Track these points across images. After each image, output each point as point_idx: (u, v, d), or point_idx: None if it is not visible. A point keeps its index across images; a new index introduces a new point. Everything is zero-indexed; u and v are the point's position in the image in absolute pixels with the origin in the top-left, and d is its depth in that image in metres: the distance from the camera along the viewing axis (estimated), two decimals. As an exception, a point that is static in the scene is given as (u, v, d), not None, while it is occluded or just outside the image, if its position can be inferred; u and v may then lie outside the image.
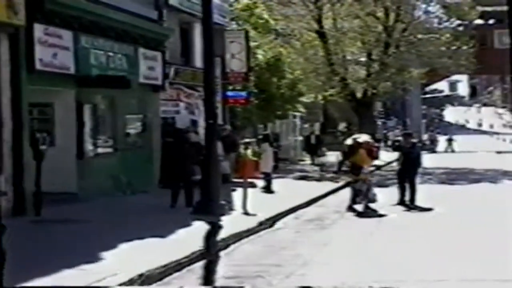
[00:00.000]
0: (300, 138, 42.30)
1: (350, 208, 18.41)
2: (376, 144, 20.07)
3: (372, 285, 9.37)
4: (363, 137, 19.93)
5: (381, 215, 17.60)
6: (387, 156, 34.09)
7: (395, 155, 22.81)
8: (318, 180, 28.37)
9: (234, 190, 18.90)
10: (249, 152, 23.92)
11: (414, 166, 19.91)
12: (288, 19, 34.82)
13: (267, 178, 23.44)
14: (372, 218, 17.34)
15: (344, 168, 28.45)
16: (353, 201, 18.58)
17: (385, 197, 19.33)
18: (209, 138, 15.89)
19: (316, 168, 33.58)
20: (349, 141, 19.90)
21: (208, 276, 8.32)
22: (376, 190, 19.28)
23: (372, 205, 18.44)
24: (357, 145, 19.13)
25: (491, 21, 72.74)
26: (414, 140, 22.28)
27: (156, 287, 9.88)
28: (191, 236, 12.05)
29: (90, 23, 18.61)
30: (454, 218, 16.91)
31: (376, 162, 24.13)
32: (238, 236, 13.85)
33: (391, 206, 18.91)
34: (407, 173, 19.55)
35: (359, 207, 18.56)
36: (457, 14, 39.76)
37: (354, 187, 18.92)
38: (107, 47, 19.75)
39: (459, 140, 75.03)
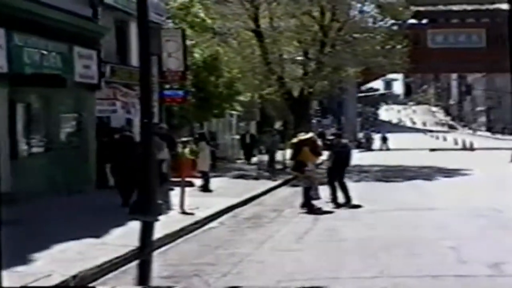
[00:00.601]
0: (237, 136, 42.38)
1: (304, 205, 18.47)
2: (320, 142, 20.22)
3: (304, 285, 9.44)
4: (308, 135, 20.10)
5: (319, 213, 17.72)
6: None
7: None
8: (256, 178, 28.47)
9: (171, 189, 18.78)
10: (186, 151, 23.86)
11: (343, 165, 20.14)
12: (224, 18, 34.73)
13: (205, 177, 23.41)
14: (309, 215, 17.45)
15: (276, 166, 28.85)
16: (306, 198, 18.69)
17: (324, 195, 19.47)
18: (144, 137, 15.89)
19: (252, 167, 33.69)
20: (293, 140, 20.07)
21: (143, 276, 8.23)
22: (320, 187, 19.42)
23: (315, 202, 18.66)
24: (301, 143, 19.28)
25: (424, 21, 73.92)
26: (345, 140, 22.63)
27: (90, 288, 9.78)
28: (126, 236, 11.96)
29: (23, 21, 18.23)
30: (387, 216, 17.14)
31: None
32: (175, 236, 13.79)
33: (327, 203, 19.09)
34: (337, 172, 19.77)
35: (316, 203, 18.71)
36: (391, 13, 40.15)
37: (304, 185, 19.05)
38: (41, 46, 19.40)
39: (394, 138, 76.03)
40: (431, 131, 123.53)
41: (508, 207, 17.59)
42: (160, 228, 13.42)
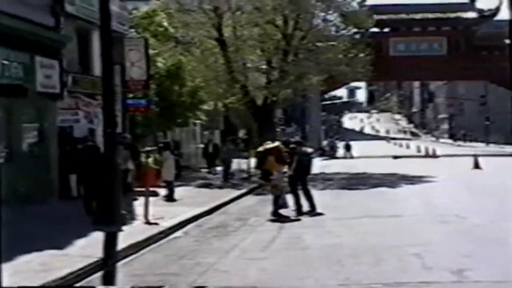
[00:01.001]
0: (202, 145, 42.28)
1: (274, 215, 18.45)
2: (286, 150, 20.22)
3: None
4: (274, 144, 20.12)
5: (285, 221, 17.72)
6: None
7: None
8: (220, 187, 28.41)
9: (135, 199, 18.67)
10: (150, 160, 23.79)
11: (304, 173, 20.18)
12: (188, 26, 34.65)
13: (169, 186, 23.34)
14: (275, 224, 17.45)
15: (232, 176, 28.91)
16: (275, 206, 18.67)
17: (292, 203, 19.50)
18: (108, 147, 15.77)
19: (214, 176, 33.65)
20: (259, 149, 20.09)
21: (107, 287, 8.15)
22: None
23: (283, 211, 18.69)
24: (266, 152, 19.29)
25: (386, 29, 74.49)
26: (306, 148, 22.71)
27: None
28: (90, 247, 11.84)
29: (-17, 31, 18.05)
30: (352, 223, 17.20)
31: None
32: (139, 246, 13.69)
33: (292, 211, 19.12)
34: (299, 180, 19.82)
35: (284, 211, 18.71)
36: (354, 22, 40.41)
37: (272, 194, 19.05)
38: (2, 55, 19.17)
39: (358, 146, 76.34)
40: (394, 138, 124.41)
41: (471, 213, 17.78)
42: (125, 239, 13.33)
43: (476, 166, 38.68)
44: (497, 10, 76.31)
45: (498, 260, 11.62)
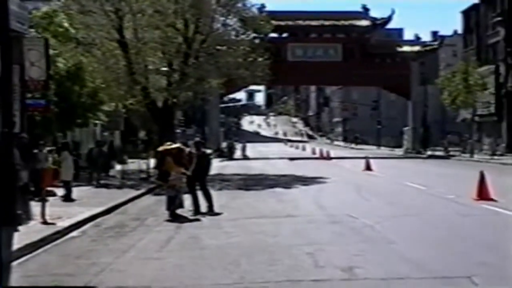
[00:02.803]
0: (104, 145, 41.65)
1: (171, 215, 18.31)
2: (188, 151, 20.13)
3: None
4: (173, 145, 20.03)
5: (182, 221, 17.65)
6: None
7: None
8: (119, 187, 28.10)
9: (32, 199, 18.24)
10: (49, 160, 23.28)
11: (203, 174, 20.20)
12: (88, 28, 34.07)
13: (67, 186, 22.94)
14: (173, 223, 17.36)
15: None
16: (169, 207, 18.54)
17: (188, 203, 19.42)
18: (5, 147, 15.36)
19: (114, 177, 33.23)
20: (159, 149, 19.96)
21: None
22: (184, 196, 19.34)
23: (178, 211, 18.60)
24: (165, 152, 19.18)
25: (285, 35, 75.26)
26: (207, 150, 22.75)
27: None
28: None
29: None
30: (248, 223, 17.28)
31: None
32: (35, 246, 13.35)
33: (190, 211, 19.08)
34: (197, 180, 19.82)
35: (180, 211, 18.60)
36: (253, 27, 40.67)
37: (167, 194, 18.92)
38: None
39: (255, 148, 76.86)
40: (291, 140, 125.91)
41: (361, 214, 18.14)
42: (20, 239, 13.05)
43: (368, 168, 39.52)
44: (389, 18, 78.26)
45: (384, 258, 11.92)
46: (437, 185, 27.48)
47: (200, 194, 19.80)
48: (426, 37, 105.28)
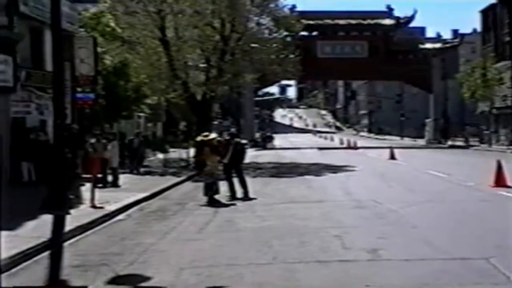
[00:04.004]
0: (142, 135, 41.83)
1: (209, 200, 18.38)
2: (223, 141, 20.15)
3: (203, 272, 9.42)
4: (211, 135, 20.07)
5: (219, 206, 17.72)
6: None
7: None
8: (162, 175, 28.26)
9: (82, 185, 18.45)
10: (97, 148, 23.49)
11: (238, 162, 20.23)
12: (133, 27, 34.27)
13: (114, 173, 23.14)
14: (210, 208, 17.43)
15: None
16: (206, 193, 18.60)
17: (224, 189, 19.47)
18: (57, 137, 15.52)
19: (159, 164, 33.44)
20: (198, 138, 20.00)
21: (54, 265, 8.04)
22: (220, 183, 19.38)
23: (216, 197, 18.65)
24: (203, 143, 19.22)
25: (314, 33, 74.97)
26: (243, 141, 22.76)
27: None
28: (39, 229, 11.67)
29: None
30: (280, 208, 17.29)
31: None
32: (84, 228, 13.52)
33: (226, 197, 19.13)
34: (233, 168, 19.86)
35: (219, 197, 18.69)
36: (285, 26, 40.59)
37: (205, 181, 18.99)
38: (-42, 51, 18.65)
39: (287, 138, 76.74)
40: (320, 132, 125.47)
41: (385, 199, 18.06)
42: (71, 221, 13.20)
43: (392, 157, 39.29)
44: (412, 17, 77.61)
45: (407, 241, 11.87)
46: (457, 173, 27.23)
47: (236, 181, 19.85)
48: (447, 35, 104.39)
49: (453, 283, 8.70)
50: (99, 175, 20.59)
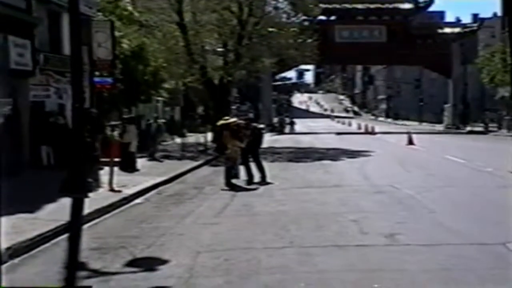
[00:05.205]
0: (163, 120, 42.00)
1: (227, 184, 18.44)
2: (244, 125, 20.12)
3: (221, 255, 9.47)
4: (231, 119, 20.07)
5: (237, 190, 17.77)
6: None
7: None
8: (179, 159, 28.35)
9: (101, 168, 18.55)
10: (115, 133, 23.60)
11: (256, 146, 20.26)
12: (150, 11, 34.33)
13: (132, 157, 23.21)
14: (228, 192, 17.48)
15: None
16: (227, 177, 18.66)
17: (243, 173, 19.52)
18: (76, 121, 15.60)
19: (177, 148, 33.52)
20: (218, 123, 20.00)
21: (73, 248, 8.10)
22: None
23: (234, 181, 18.70)
24: (223, 126, 19.22)
25: (332, 17, 74.64)
26: (260, 125, 22.75)
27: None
28: (58, 212, 11.75)
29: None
30: (297, 192, 17.32)
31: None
32: (102, 211, 13.63)
33: (244, 181, 19.18)
34: (251, 153, 19.89)
35: (235, 181, 18.73)
36: (302, 10, 40.44)
37: (225, 165, 19.04)
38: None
39: (305, 123, 76.62)
40: (337, 116, 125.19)
41: (403, 184, 18.03)
42: (90, 204, 13.25)
43: (410, 142, 39.15)
44: (431, 1, 77.05)
45: (424, 226, 11.86)
46: (476, 158, 27.10)
47: (253, 166, 19.88)
48: (466, 19, 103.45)
49: (470, 268, 8.69)
50: (117, 159, 20.69)
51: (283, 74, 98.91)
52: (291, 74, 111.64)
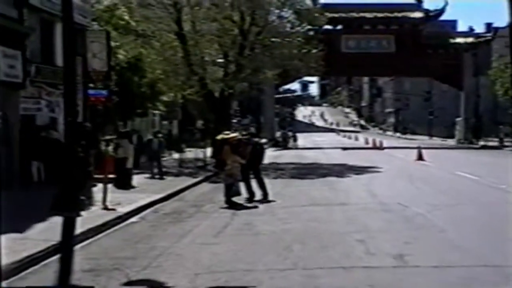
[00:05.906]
0: (160, 135, 41.96)
1: (228, 202, 18.42)
2: (245, 140, 20.11)
3: (221, 277, 9.44)
4: (231, 134, 20.09)
5: (238, 208, 17.74)
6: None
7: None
8: (177, 175, 28.33)
9: (94, 185, 18.53)
10: (109, 148, 23.60)
11: (257, 162, 20.25)
12: (148, 20, 34.42)
13: (128, 173, 23.20)
14: (229, 210, 17.46)
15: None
16: (227, 195, 18.64)
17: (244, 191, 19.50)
18: (69, 135, 15.59)
19: (175, 164, 33.51)
20: (218, 137, 20.02)
21: (64, 269, 8.09)
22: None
23: (234, 198, 18.69)
24: (223, 141, 19.23)
25: (339, 27, 74.75)
26: (262, 140, 22.74)
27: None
28: (49, 231, 11.73)
29: None
30: (301, 211, 17.28)
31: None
32: (96, 230, 13.61)
33: (245, 199, 19.15)
34: (251, 169, 19.87)
35: (236, 199, 18.72)
36: (307, 19, 40.51)
37: (225, 182, 19.01)
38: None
39: (310, 137, 76.50)
40: (343, 131, 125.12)
41: (412, 202, 18.01)
42: (83, 223, 13.25)
43: (420, 157, 39.11)
44: (442, 10, 77.12)
45: (435, 246, 11.83)
46: (489, 175, 27.07)
47: (254, 183, 19.86)
48: (479, 28, 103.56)
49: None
50: (112, 176, 20.68)
51: (286, 86, 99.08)
52: (295, 86, 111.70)
